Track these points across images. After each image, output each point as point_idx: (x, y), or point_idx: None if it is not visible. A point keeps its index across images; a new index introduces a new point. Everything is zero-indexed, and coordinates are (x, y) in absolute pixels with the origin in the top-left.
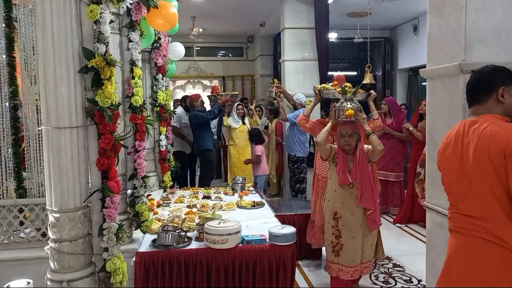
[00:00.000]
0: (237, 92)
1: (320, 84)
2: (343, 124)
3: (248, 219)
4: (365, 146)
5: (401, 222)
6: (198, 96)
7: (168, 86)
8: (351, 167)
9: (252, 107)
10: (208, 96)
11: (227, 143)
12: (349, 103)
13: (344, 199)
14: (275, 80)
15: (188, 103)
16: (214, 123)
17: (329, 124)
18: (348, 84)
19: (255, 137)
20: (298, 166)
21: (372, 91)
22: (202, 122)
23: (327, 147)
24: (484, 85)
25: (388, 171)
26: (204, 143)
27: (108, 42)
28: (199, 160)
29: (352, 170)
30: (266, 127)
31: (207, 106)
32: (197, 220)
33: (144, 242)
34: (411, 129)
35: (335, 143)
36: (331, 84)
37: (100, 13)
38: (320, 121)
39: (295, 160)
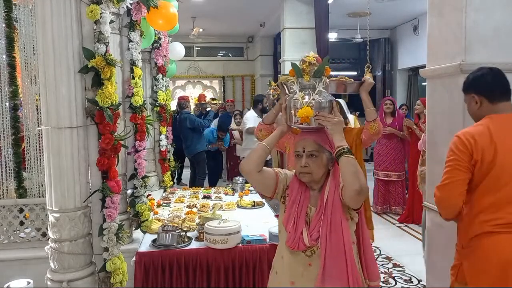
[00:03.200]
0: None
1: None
2: (299, 135)
3: (248, 219)
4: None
5: (406, 221)
6: (187, 97)
7: (168, 86)
8: (311, 216)
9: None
10: (196, 105)
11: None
12: (306, 95)
13: (296, 276)
14: (272, 82)
15: (178, 104)
16: (214, 123)
17: (274, 133)
18: (310, 57)
19: None
20: None
21: (366, 77)
22: (197, 127)
23: (267, 173)
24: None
25: (391, 171)
26: (198, 146)
27: (108, 42)
28: (191, 161)
29: (312, 222)
30: None
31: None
32: (197, 220)
33: (144, 242)
34: (414, 127)
35: (290, 166)
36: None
37: (100, 13)
38: (292, 128)
39: None
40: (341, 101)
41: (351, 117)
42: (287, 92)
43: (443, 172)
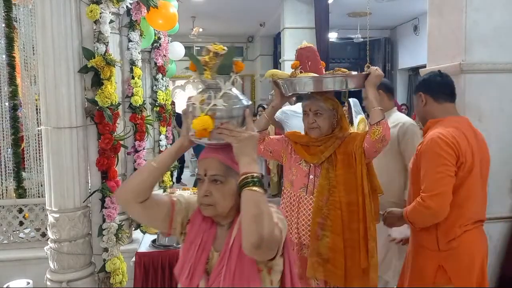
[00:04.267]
0: None
1: None
2: (203, 153)
3: None
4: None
5: None
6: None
7: (168, 86)
8: (212, 265)
9: None
10: None
11: None
12: (208, 99)
13: None
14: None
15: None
16: None
17: (170, 148)
18: (218, 46)
19: None
20: None
21: (372, 68)
22: None
23: (157, 203)
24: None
25: None
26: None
27: (108, 42)
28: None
29: (212, 273)
30: None
31: None
32: None
33: (143, 242)
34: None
35: (286, 182)
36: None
37: (100, 13)
38: (290, 135)
39: None
40: (352, 100)
41: (357, 119)
42: (282, 91)
43: (428, 178)
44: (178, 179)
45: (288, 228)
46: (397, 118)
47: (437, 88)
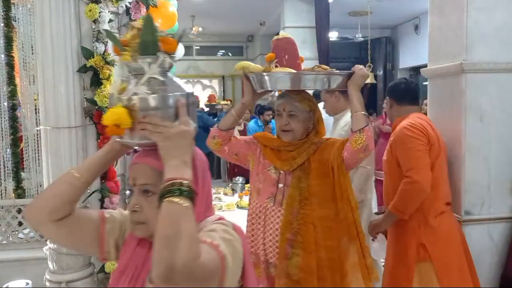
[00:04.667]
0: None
1: None
2: (134, 158)
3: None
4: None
5: None
6: (197, 97)
7: None
8: None
9: None
10: (207, 105)
11: None
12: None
13: None
14: None
15: None
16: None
17: (97, 153)
18: (140, 23)
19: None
20: None
21: (357, 67)
22: (210, 126)
23: (80, 222)
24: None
25: None
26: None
27: (107, 42)
28: None
29: None
30: None
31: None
32: None
33: None
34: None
35: (252, 190)
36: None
37: (99, 12)
38: (260, 137)
39: None
40: None
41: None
42: (253, 85)
43: (408, 159)
44: None
45: (255, 243)
46: (349, 119)
47: (400, 94)
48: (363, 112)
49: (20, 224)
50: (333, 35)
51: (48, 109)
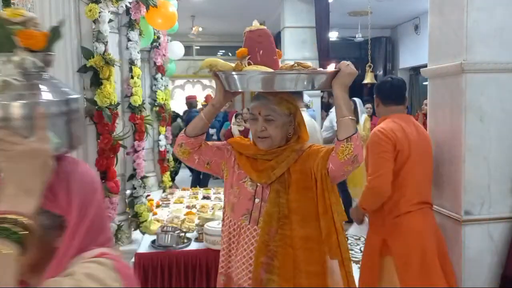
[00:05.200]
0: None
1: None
2: None
3: None
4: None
5: None
6: (195, 97)
7: (167, 85)
8: None
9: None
10: (203, 105)
11: None
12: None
13: None
14: None
15: (189, 103)
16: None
17: None
18: (19, 11)
19: None
20: None
21: (343, 63)
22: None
23: None
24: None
25: None
26: None
27: (107, 42)
28: None
29: None
30: None
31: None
32: (196, 221)
33: (143, 243)
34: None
35: (226, 200)
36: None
37: (99, 12)
38: (234, 143)
39: None
40: (357, 100)
41: (362, 118)
42: (224, 84)
43: (372, 164)
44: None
45: (231, 264)
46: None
47: (386, 93)
48: (350, 117)
49: None
50: (333, 35)
51: None
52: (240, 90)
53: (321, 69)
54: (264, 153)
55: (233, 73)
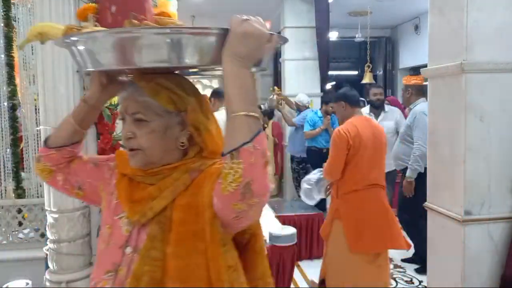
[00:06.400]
0: None
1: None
2: None
3: None
4: None
5: None
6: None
7: None
8: None
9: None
10: None
11: None
12: None
13: None
14: (276, 87)
15: None
16: None
17: None
18: None
19: None
20: (303, 167)
21: (234, 18)
22: None
23: None
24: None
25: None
26: None
27: None
28: None
29: None
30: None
31: None
32: None
33: None
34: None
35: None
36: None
37: None
38: (120, 158)
39: (300, 160)
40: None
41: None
42: (75, 64)
43: (330, 155)
44: None
45: None
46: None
47: (351, 98)
48: (246, 113)
49: (20, 224)
50: (333, 35)
51: (48, 109)
52: (92, 69)
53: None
54: (142, 174)
55: (64, 39)
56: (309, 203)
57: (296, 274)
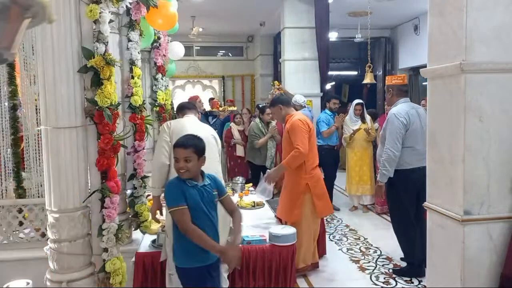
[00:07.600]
0: (235, 108)
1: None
2: None
3: (248, 219)
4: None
5: None
6: (197, 97)
7: (167, 86)
8: None
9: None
10: (209, 111)
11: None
12: None
13: None
14: (276, 82)
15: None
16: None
17: None
18: None
19: None
20: None
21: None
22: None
23: None
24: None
25: None
26: None
27: (107, 42)
28: None
29: None
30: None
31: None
32: None
33: (143, 242)
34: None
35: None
36: None
37: (100, 13)
38: None
39: None
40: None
41: (367, 119)
42: None
43: (299, 140)
44: None
45: None
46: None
47: (285, 101)
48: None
49: (20, 224)
50: (333, 36)
51: (49, 109)
52: None
53: None
54: None
55: None
56: (266, 199)
57: (296, 274)
